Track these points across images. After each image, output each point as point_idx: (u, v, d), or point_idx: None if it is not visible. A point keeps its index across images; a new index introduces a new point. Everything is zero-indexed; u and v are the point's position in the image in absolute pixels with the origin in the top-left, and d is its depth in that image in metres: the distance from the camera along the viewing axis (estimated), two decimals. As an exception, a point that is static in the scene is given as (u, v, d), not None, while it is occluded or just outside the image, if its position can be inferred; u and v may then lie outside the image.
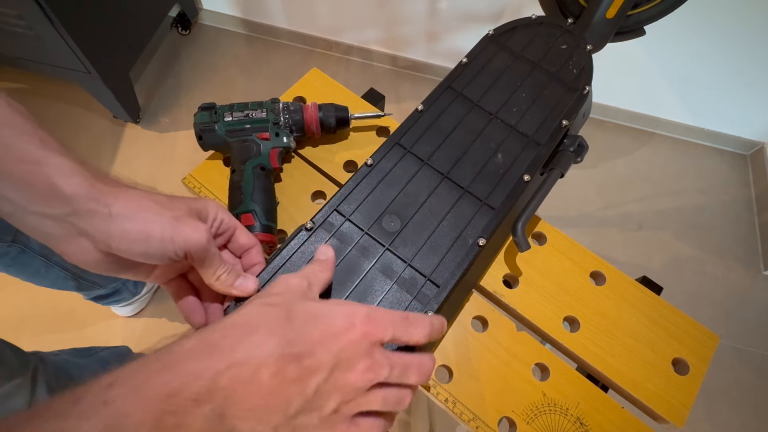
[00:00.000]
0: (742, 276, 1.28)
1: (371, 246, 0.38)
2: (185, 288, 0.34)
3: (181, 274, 0.34)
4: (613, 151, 1.47)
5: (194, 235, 0.29)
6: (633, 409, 0.44)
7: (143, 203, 0.28)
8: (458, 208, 0.40)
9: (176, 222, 0.29)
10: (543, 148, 0.44)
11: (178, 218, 0.29)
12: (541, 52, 0.50)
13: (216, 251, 0.31)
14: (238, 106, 0.50)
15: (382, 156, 0.42)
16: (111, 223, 0.27)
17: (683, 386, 0.44)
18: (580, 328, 0.46)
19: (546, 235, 0.51)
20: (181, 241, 0.28)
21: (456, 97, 0.47)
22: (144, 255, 0.28)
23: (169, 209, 0.29)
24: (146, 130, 1.38)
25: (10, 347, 0.64)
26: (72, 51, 1.08)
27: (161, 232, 0.28)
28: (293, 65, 1.55)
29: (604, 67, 0.92)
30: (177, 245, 0.28)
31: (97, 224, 0.27)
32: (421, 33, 1.42)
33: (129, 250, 0.28)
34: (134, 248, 0.28)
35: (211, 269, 0.31)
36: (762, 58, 1.21)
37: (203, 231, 0.30)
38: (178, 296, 0.34)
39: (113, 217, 0.27)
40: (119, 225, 0.27)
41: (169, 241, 0.28)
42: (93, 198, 0.27)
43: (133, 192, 0.29)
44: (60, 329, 1.09)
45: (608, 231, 1.33)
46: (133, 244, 0.28)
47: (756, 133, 1.42)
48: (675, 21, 0.60)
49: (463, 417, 0.42)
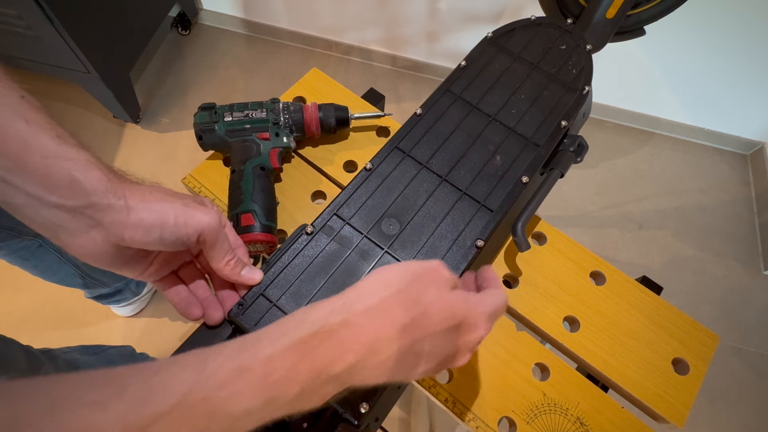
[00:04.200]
0: (742, 276, 1.28)
1: (370, 249, 0.38)
2: (177, 283, 0.35)
3: (173, 271, 0.35)
4: (613, 151, 1.47)
5: (206, 217, 0.31)
6: (633, 409, 0.44)
7: (155, 194, 0.30)
8: (457, 210, 0.41)
9: (187, 208, 0.30)
10: (542, 149, 0.44)
11: (188, 204, 0.31)
12: (541, 53, 0.50)
13: (225, 234, 0.33)
14: (238, 106, 0.50)
15: (381, 160, 0.42)
16: (128, 214, 0.28)
17: (683, 386, 0.44)
18: (580, 328, 0.46)
19: (546, 235, 0.51)
20: (194, 223, 0.30)
21: (454, 100, 0.47)
22: (158, 241, 0.29)
23: (179, 198, 0.31)
24: (146, 130, 1.38)
25: (23, 349, 0.64)
26: (72, 51, 1.08)
27: (175, 218, 0.29)
28: (293, 65, 1.55)
29: (604, 67, 0.93)
30: (191, 228, 0.30)
31: (115, 216, 0.28)
32: (421, 33, 1.42)
33: (144, 238, 0.29)
34: (150, 236, 0.29)
35: (221, 252, 0.32)
36: (762, 58, 1.21)
37: (215, 213, 0.31)
38: (172, 291, 0.35)
39: (130, 209, 0.28)
40: (136, 216, 0.28)
41: (183, 225, 0.30)
42: (111, 191, 0.28)
43: (143, 186, 0.30)
44: (60, 329, 1.09)
45: (608, 231, 1.33)
46: (150, 232, 0.29)
47: (756, 133, 1.42)
48: (675, 21, 0.60)
49: (463, 417, 0.42)
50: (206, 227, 0.31)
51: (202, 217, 0.30)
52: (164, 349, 1.08)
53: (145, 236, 0.29)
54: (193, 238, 0.30)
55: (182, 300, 0.35)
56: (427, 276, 0.27)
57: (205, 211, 0.31)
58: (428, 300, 0.26)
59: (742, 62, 1.23)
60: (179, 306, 0.34)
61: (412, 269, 0.27)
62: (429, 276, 0.27)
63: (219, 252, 0.32)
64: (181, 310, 0.34)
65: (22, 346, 0.64)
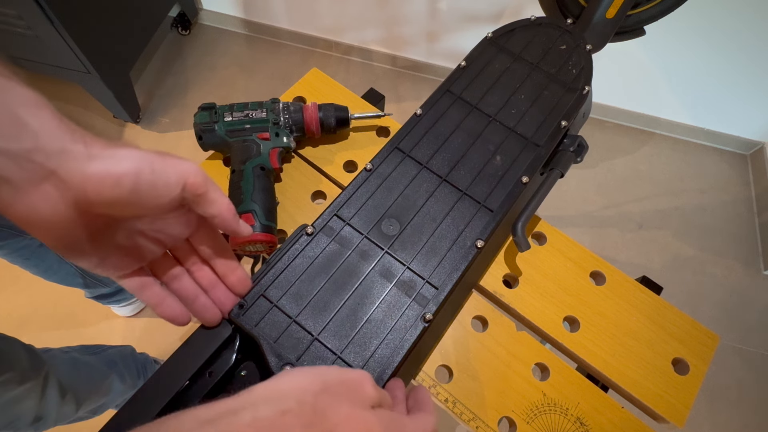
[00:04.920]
0: (742, 276, 1.28)
1: (371, 249, 0.38)
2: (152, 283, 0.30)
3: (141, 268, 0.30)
4: (613, 151, 1.47)
5: (187, 163, 0.26)
6: (633, 409, 0.44)
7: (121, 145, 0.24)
8: (457, 210, 0.41)
9: (164, 156, 0.25)
10: (542, 149, 0.44)
11: (164, 154, 0.25)
12: (541, 53, 0.50)
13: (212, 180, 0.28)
14: (238, 106, 0.50)
15: (381, 160, 0.42)
16: (89, 162, 0.22)
17: (683, 386, 0.44)
18: (580, 328, 0.46)
19: (546, 235, 0.51)
20: (177, 168, 0.25)
21: (454, 100, 0.47)
22: (131, 195, 0.23)
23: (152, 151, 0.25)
24: (146, 130, 1.38)
25: (26, 348, 0.64)
26: (72, 51, 1.08)
27: (151, 164, 0.24)
28: (293, 65, 1.55)
29: (604, 67, 0.93)
30: (173, 174, 0.25)
31: (71, 163, 0.22)
32: (421, 33, 1.42)
33: (113, 191, 0.23)
34: (120, 187, 0.23)
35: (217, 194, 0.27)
36: (762, 58, 1.21)
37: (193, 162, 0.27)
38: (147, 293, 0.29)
39: (91, 157, 0.23)
40: (99, 164, 0.23)
41: (161, 172, 0.24)
42: (65, 133, 0.22)
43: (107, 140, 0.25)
44: (60, 329, 1.09)
45: (608, 231, 1.33)
46: (120, 182, 0.23)
47: (756, 133, 1.42)
48: (675, 21, 0.60)
49: (463, 417, 0.42)
50: (191, 171, 0.25)
51: (183, 162, 0.25)
52: (164, 349, 1.08)
53: (114, 188, 0.23)
54: (177, 188, 0.25)
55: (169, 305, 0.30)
56: (343, 388, 0.23)
57: (185, 159, 0.26)
58: (338, 419, 0.21)
59: (742, 62, 1.23)
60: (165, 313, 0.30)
61: (326, 377, 0.23)
62: (345, 389, 0.23)
63: (215, 194, 0.27)
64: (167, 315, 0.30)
65: (24, 345, 0.65)
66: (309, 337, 0.33)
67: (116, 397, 0.83)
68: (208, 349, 0.32)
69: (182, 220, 0.29)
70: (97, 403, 0.79)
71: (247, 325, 0.33)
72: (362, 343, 0.34)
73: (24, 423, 0.63)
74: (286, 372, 0.23)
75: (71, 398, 0.70)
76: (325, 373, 0.23)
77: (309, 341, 0.33)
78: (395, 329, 0.35)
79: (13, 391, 0.59)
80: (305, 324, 0.34)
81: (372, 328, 0.34)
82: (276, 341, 0.33)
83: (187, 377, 0.31)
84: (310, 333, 0.34)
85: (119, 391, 0.83)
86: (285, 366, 0.32)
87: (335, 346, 0.33)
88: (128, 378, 0.85)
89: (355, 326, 0.34)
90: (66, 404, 0.69)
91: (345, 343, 0.33)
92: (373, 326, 0.34)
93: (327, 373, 0.23)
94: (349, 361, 0.33)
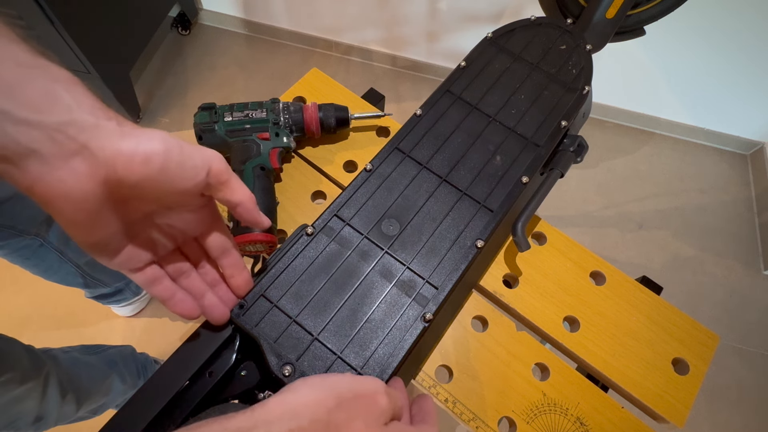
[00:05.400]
0: (742, 276, 1.28)
1: (371, 249, 0.38)
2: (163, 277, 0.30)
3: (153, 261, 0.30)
4: (613, 151, 1.47)
5: (211, 150, 0.27)
6: (633, 409, 0.44)
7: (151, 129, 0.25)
8: (457, 210, 0.41)
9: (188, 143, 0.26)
10: (542, 149, 0.44)
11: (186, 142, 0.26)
12: (541, 53, 0.50)
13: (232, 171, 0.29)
14: (238, 106, 0.50)
15: (381, 161, 0.42)
16: (121, 138, 0.23)
17: (683, 386, 0.44)
18: (580, 328, 0.46)
19: (546, 235, 0.51)
20: (202, 154, 0.26)
21: (454, 100, 0.47)
22: (160, 174, 0.24)
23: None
24: (146, 130, 1.38)
25: (26, 349, 0.65)
26: (72, 51, 1.08)
27: (180, 147, 0.25)
28: (293, 65, 1.55)
29: (604, 67, 0.93)
30: (199, 159, 0.25)
31: (104, 139, 0.22)
32: (421, 33, 1.42)
33: (142, 169, 0.23)
34: (150, 165, 0.23)
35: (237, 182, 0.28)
36: (762, 58, 1.21)
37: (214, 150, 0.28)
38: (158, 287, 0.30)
39: (123, 134, 0.23)
40: (131, 141, 0.23)
41: (189, 156, 0.25)
42: (98, 110, 0.23)
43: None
44: (60, 329, 1.09)
45: (608, 231, 1.33)
46: (150, 160, 0.23)
47: (756, 133, 1.42)
48: (675, 21, 0.60)
49: (463, 417, 0.42)
50: (216, 157, 0.26)
51: (207, 149, 0.26)
52: (164, 349, 1.08)
53: (144, 165, 0.23)
54: (203, 172, 0.25)
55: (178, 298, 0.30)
56: (357, 404, 0.23)
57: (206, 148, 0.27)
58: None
59: (742, 62, 1.23)
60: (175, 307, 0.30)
61: (340, 390, 0.23)
62: (359, 404, 0.23)
63: (235, 182, 0.27)
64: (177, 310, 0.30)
65: (24, 346, 0.65)
66: (309, 337, 0.33)
67: (116, 397, 0.83)
68: (208, 349, 0.32)
69: (197, 215, 0.29)
70: (97, 403, 0.79)
71: (247, 325, 0.33)
72: (362, 343, 0.34)
73: (25, 423, 0.63)
74: (299, 384, 0.23)
75: (72, 398, 0.70)
76: (339, 386, 0.23)
77: (309, 341, 0.33)
78: (395, 329, 0.35)
79: (14, 391, 0.59)
80: (305, 324, 0.34)
81: (372, 328, 0.34)
82: (276, 341, 0.33)
83: (187, 377, 0.31)
84: (310, 333, 0.34)
85: (119, 391, 0.83)
86: (285, 366, 0.32)
87: (335, 346, 0.33)
88: (128, 378, 0.86)
89: (355, 326, 0.34)
90: (66, 404, 0.70)
91: (345, 343, 0.33)
92: (373, 326, 0.34)
93: (340, 386, 0.23)
94: (349, 361, 0.33)
